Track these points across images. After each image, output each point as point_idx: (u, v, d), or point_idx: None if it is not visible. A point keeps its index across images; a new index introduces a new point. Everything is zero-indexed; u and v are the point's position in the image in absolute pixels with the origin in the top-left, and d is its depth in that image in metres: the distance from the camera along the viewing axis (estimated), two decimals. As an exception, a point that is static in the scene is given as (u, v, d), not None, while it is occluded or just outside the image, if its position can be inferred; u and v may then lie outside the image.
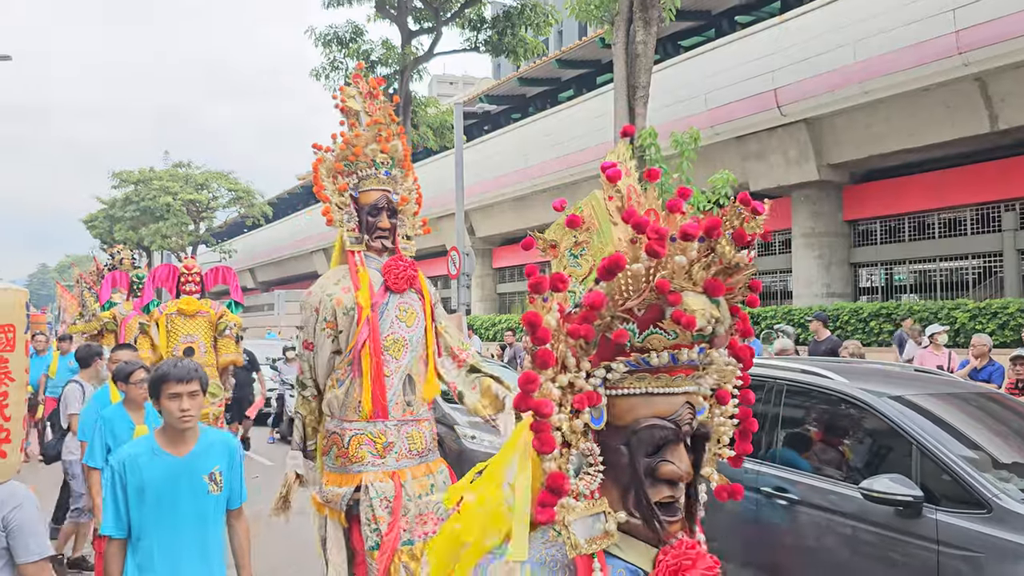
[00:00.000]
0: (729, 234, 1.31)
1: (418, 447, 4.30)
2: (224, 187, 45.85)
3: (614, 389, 1.33)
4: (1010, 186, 16.78)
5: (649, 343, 1.30)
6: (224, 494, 3.13)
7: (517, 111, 31.62)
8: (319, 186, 4.45)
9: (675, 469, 1.31)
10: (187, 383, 3.05)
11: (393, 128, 4.50)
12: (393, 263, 4.33)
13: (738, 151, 19.71)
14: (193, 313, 8.43)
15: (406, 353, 4.29)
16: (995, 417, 5.19)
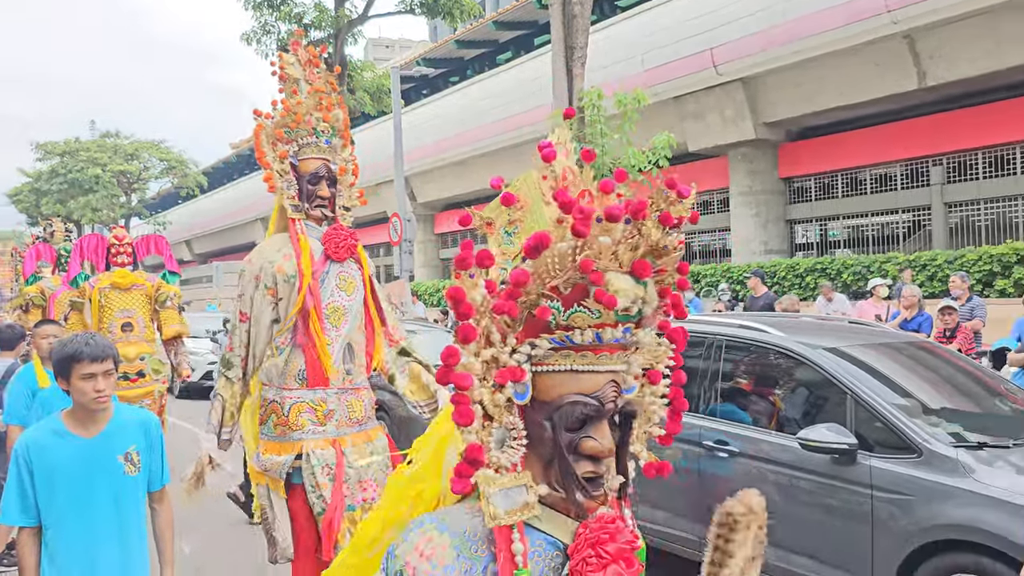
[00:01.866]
0: (656, 216, 1.31)
1: (357, 415, 4.31)
2: (155, 157, 44.54)
3: (540, 366, 1.34)
4: (938, 141, 17.26)
5: (573, 321, 1.31)
6: (143, 475, 2.97)
7: (455, 74, 31.28)
8: (260, 152, 4.38)
9: (597, 445, 1.33)
10: (101, 362, 2.86)
11: (334, 97, 4.46)
12: (334, 232, 4.30)
13: (676, 111, 19.84)
14: (128, 286, 8.14)
15: (346, 322, 4.28)
16: (925, 365, 5.38)
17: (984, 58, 15.27)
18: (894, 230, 18.87)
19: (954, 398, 5.12)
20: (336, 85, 4.51)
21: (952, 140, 17.02)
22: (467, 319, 1.32)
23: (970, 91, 16.46)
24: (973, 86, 16.24)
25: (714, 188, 21.61)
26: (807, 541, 4.47)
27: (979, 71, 15.53)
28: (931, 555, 3.95)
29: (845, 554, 4.29)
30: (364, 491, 4.25)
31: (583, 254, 1.28)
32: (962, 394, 5.19)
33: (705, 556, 1.28)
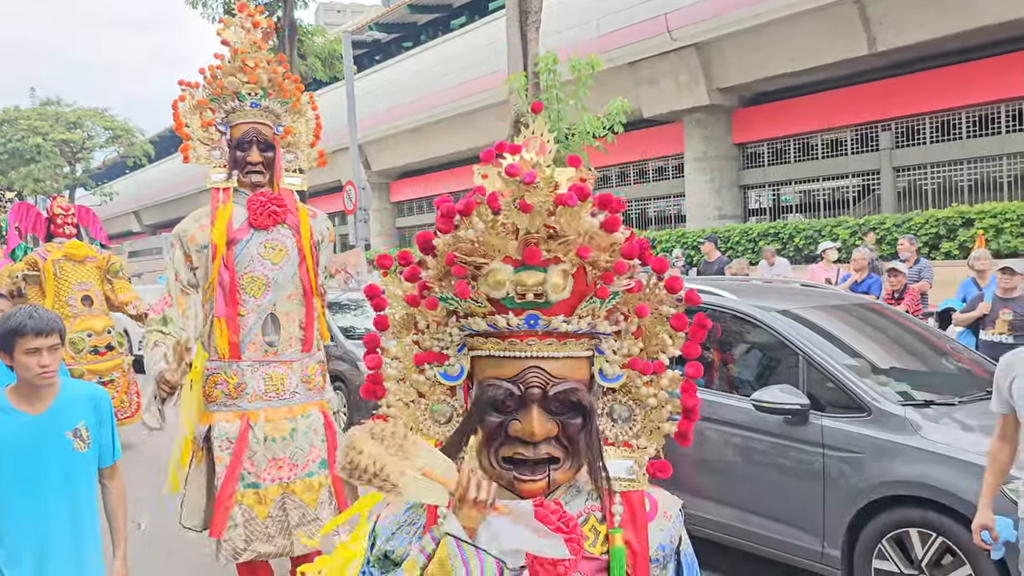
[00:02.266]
0: (515, 205, 1.35)
1: (278, 389, 4.14)
2: (100, 126, 43.26)
3: (473, 351, 1.41)
4: (887, 106, 17.51)
5: (470, 310, 1.38)
6: (93, 452, 2.87)
7: (408, 39, 30.81)
8: (178, 123, 4.28)
9: (519, 426, 1.35)
10: (47, 336, 2.73)
11: (261, 55, 4.28)
12: (256, 199, 4.15)
13: (631, 77, 19.81)
14: (82, 258, 7.94)
15: (267, 292, 4.13)
16: (874, 326, 5.49)
17: (933, 23, 15.48)
18: (844, 194, 19.17)
19: (902, 358, 5.24)
20: (263, 43, 4.34)
21: (901, 105, 17.29)
22: (380, 310, 1.47)
23: (919, 56, 16.70)
24: (922, 51, 16.48)
25: (669, 154, 21.71)
26: (762, 500, 4.56)
27: (928, 36, 15.74)
28: (880, 511, 4.06)
29: (798, 512, 4.38)
30: (279, 469, 4.12)
31: (448, 248, 1.39)
32: (910, 354, 5.32)
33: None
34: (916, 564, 3.95)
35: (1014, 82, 15.59)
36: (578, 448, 1.40)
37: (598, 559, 1.41)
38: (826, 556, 4.26)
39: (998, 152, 16.38)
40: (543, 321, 1.37)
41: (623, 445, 1.49)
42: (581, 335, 1.39)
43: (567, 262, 1.36)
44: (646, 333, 1.46)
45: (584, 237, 1.36)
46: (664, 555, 1.47)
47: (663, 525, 1.48)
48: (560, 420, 1.37)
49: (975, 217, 14.37)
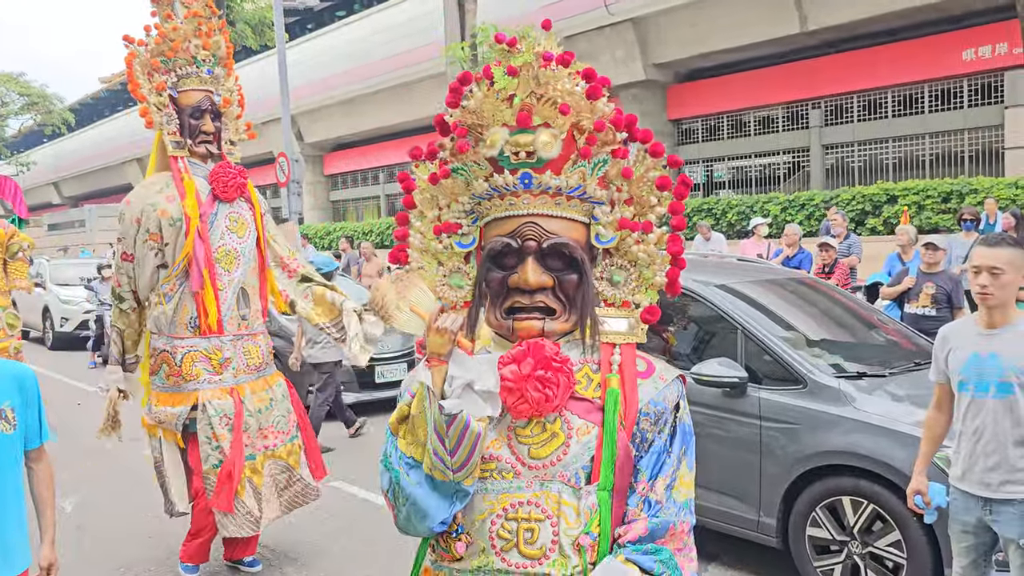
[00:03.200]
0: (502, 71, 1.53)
1: (255, 361, 4.18)
2: (14, 91, 41.21)
3: (483, 219, 1.60)
4: (817, 85, 17.87)
5: (473, 173, 1.57)
6: (19, 433, 2.72)
7: (342, 8, 30.09)
8: (134, 84, 4.07)
9: (516, 277, 1.51)
10: None
11: (215, 22, 4.16)
12: (221, 170, 4.06)
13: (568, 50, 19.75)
14: None
15: (239, 265, 4.09)
16: (806, 300, 5.61)
17: (862, 3, 15.81)
18: (775, 171, 19.55)
19: (834, 331, 5.37)
20: (216, 8, 4.23)
21: (830, 84, 17.66)
22: (410, 191, 1.67)
23: (848, 36, 17.06)
24: (851, 31, 16.83)
25: (605, 129, 21.79)
26: (700, 471, 4.62)
27: (857, 16, 16.08)
28: (814, 480, 4.17)
29: (735, 482, 4.47)
30: (265, 439, 4.15)
31: (452, 118, 1.58)
32: (841, 327, 5.45)
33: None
34: (848, 530, 4.07)
35: (937, 63, 16.08)
36: (574, 301, 1.55)
37: (590, 401, 1.54)
38: (762, 525, 4.36)
39: (921, 131, 16.90)
40: (536, 179, 1.52)
41: (622, 305, 1.65)
42: (572, 196, 1.55)
43: (555, 126, 1.52)
44: (636, 199, 1.62)
45: (567, 98, 1.52)
46: (656, 411, 1.58)
47: (657, 384, 1.60)
48: (556, 275, 1.53)
49: (899, 194, 14.82)
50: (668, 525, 1.53)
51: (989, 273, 2.96)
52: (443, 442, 1.43)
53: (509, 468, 1.50)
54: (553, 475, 1.49)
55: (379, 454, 1.60)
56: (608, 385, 1.53)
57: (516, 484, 1.49)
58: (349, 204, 31.51)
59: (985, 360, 3.00)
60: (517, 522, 1.48)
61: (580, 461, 1.50)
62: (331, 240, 25.01)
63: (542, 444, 1.50)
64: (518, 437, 1.51)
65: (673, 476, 1.59)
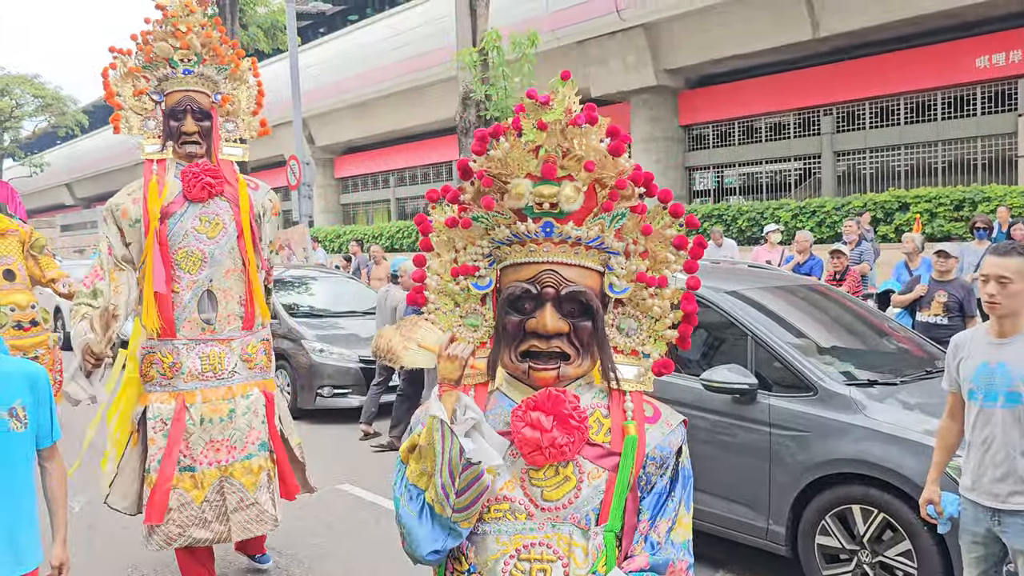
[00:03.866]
0: (532, 125, 1.58)
1: (215, 368, 3.99)
2: (29, 93, 41.52)
3: (500, 262, 1.66)
4: (829, 91, 17.82)
5: (497, 222, 1.61)
6: (30, 432, 2.72)
7: (354, 12, 30.20)
8: (109, 92, 4.10)
9: (534, 322, 1.56)
10: None
11: (193, 19, 4.08)
12: (190, 170, 3.97)
13: (579, 56, 19.78)
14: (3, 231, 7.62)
15: (204, 267, 3.97)
16: (817, 306, 5.58)
17: (874, 10, 15.76)
18: (786, 178, 19.50)
19: (845, 338, 5.34)
20: (195, 6, 4.14)
21: (842, 91, 17.60)
22: (426, 234, 1.71)
23: (860, 42, 17.01)
24: (863, 38, 16.78)
25: (616, 134, 21.78)
26: (709, 478, 4.61)
27: (869, 23, 16.03)
28: (824, 488, 4.14)
29: (744, 489, 4.45)
30: (217, 452, 3.98)
31: (479, 167, 1.62)
32: (852, 334, 5.42)
33: None
34: (858, 539, 4.04)
35: (950, 70, 16.01)
36: (589, 348, 1.60)
37: (601, 446, 1.59)
38: (771, 532, 4.34)
39: (934, 138, 16.82)
40: (557, 229, 1.58)
41: (631, 353, 1.71)
42: (591, 246, 1.61)
43: (578, 180, 1.58)
44: (651, 254, 1.68)
45: (592, 154, 1.58)
46: (662, 456, 1.64)
47: (664, 430, 1.66)
48: (572, 322, 1.58)
49: (911, 201, 14.75)
50: (668, 562, 1.59)
51: (997, 282, 2.93)
52: (453, 481, 1.49)
53: (523, 509, 1.56)
54: (565, 517, 1.56)
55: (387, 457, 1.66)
56: (627, 432, 1.60)
57: (529, 525, 1.56)
58: (359, 207, 31.58)
59: (994, 369, 2.98)
60: (530, 563, 1.55)
61: (591, 504, 1.56)
62: (341, 243, 25.06)
63: (555, 487, 1.56)
64: (531, 480, 1.57)
65: (674, 519, 1.63)
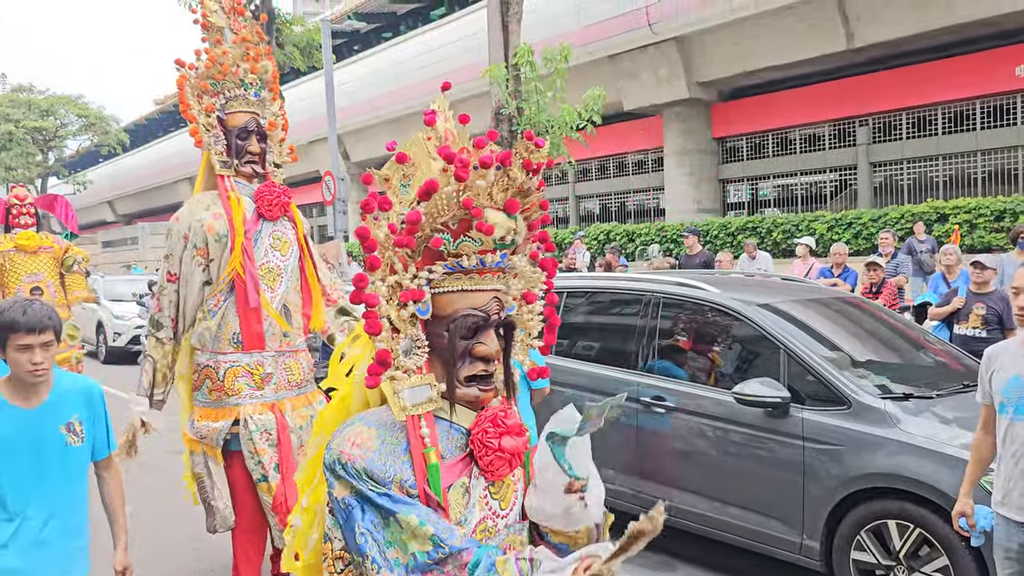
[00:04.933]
0: (519, 163, 1.66)
1: (296, 378, 4.21)
2: (73, 113, 42.58)
3: (438, 288, 1.69)
4: (864, 102, 17.65)
5: (462, 249, 1.66)
6: (87, 446, 2.81)
7: (388, 30, 30.59)
8: (185, 105, 4.18)
9: (486, 348, 1.68)
10: (39, 333, 2.59)
11: (262, 47, 4.28)
12: (266, 189, 4.16)
13: (612, 69, 19.81)
14: (35, 249, 7.77)
15: (281, 283, 4.16)
16: (851, 319, 5.53)
17: (910, 19, 15.60)
18: (821, 189, 19.30)
19: (880, 351, 5.28)
20: (263, 35, 4.34)
21: (878, 101, 17.42)
22: (373, 252, 1.67)
23: (896, 52, 16.84)
24: (899, 47, 16.61)
25: (648, 147, 21.75)
26: (742, 492, 4.59)
27: (905, 32, 15.87)
28: (859, 502, 4.09)
29: (778, 504, 4.41)
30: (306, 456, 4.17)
31: (465, 194, 1.63)
32: (887, 347, 5.36)
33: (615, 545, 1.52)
34: (894, 555, 3.99)
35: (989, 79, 15.77)
36: (508, 363, 1.78)
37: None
38: (805, 547, 4.30)
39: (973, 148, 16.56)
40: (508, 260, 1.73)
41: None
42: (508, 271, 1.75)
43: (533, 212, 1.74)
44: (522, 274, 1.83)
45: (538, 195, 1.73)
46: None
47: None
48: (503, 340, 1.74)
49: (950, 213, 14.52)
50: None
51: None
52: None
53: (492, 525, 1.74)
54: (513, 520, 1.78)
55: None
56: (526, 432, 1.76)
57: (497, 538, 1.74)
58: (393, 222, 31.85)
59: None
60: None
61: (519, 501, 1.79)
62: (375, 258, 25.26)
63: (503, 497, 1.76)
64: (492, 495, 1.74)
65: None
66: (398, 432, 1.67)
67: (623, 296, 5.82)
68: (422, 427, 1.66)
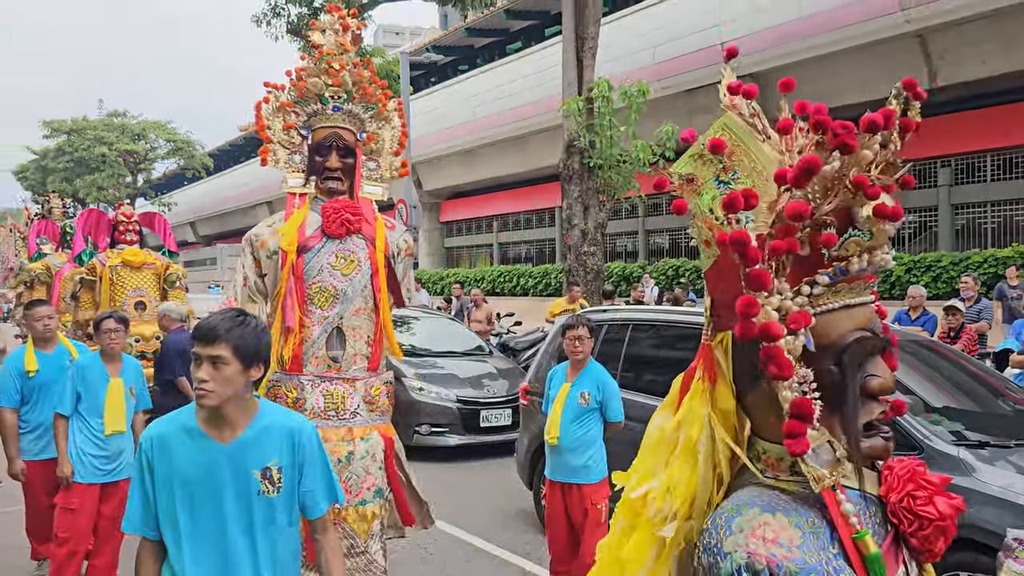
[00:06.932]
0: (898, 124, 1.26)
1: (338, 407, 3.85)
2: (162, 137, 44.59)
3: (814, 307, 1.23)
4: (947, 142, 17.19)
5: (847, 248, 1.22)
6: (284, 498, 2.33)
7: (465, 63, 31.19)
8: (261, 124, 4.10)
9: (884, 382, 1.23)
10: (208, 344, 2.20)
11: (346, 58, 4.08)
12: (331, 205, 3.92)
13: (686, 105, 19.78)
14: (139, 265, 8.18)
15: (336, 304, 3.89)
16: (928, 364, 5.37)
17: (996, 59, 15.20)
18: (901, 231, 18.79)
19: (956, 397, 5.11)
20: (349, 46, 4.13)
21: (961, 142, 16.95)
22: (755, 264, 1.19)
23: (981, 92, 16.39)
24: (984, 87, 16.17)
25: (721, 183, 21.58)
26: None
27: (990, 72, 15.46)
28: (930, 552, 3.95)
29: (843, 549, 4.28)
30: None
31: (853, 171, 1.21)
32: (964, 393, 5.19)
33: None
34: (966, 609, 3.84)
35: (1081, 121, 15.21)
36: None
37: None
38: (872, 596, 4.15)
39: (1062, 192, 15.96)
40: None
41: None
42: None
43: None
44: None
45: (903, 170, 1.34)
46: None
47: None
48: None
49: (1036, 258, 13.99)
50: None
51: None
52: None
53: None
54: None
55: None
56: None
57: None
58: (463, 251, 32.18)
59: None
60: None
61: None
62: (444, 285, 25.59)
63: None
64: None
65: None
66: (813, 513, 1.19)
67: (690, 331, 5.77)
68: (842, 502, 1.19)
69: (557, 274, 22.30)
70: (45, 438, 5.06)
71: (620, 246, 25.17)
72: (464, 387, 9.31)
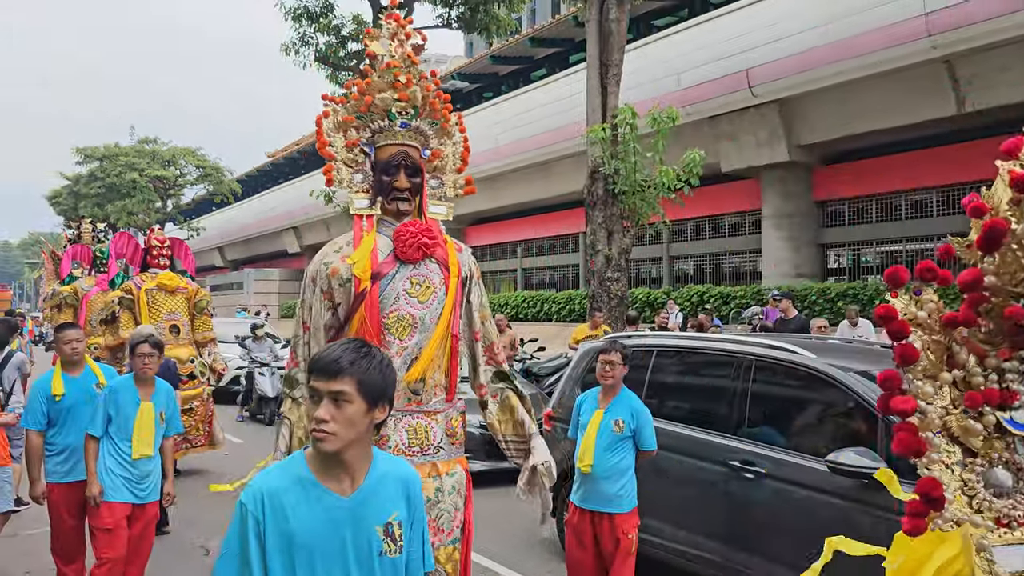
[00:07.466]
0: None
1: (422, 443, 3.59)
2: (192, 164, 45.38)
3: None
4: (975, 168, 16.94)
5: None
6: (402, 560, 2.02)
7: (489, 90, 31.47)
8: (322, 141, 3.77)
9: None
10: (329, 379, 1.90)
11: (414, 71, 3.78)
12: (405, 228, 3.61)
13: (710, 131, 19.78)
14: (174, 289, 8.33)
15: (414, 334, 3.59)
16: (958, 392, 5.28)
17: (1024, 85, 15.08)
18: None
19: (988, 427, 5.02)
20: (416, 57, 3.81)
21: (990, 168, 16.68)
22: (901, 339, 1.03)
23: (1009, 119, 16.23)
24: (1012, 113, 16.01)
25: (746, 209, 21.50)
26: (835, 566, 4.39)
27: (1020, 97, 15.33)
28: (961, 585, 3.87)
29: (872, 581, 4.21)
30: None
31: None
32: (996, 423, 5.09)
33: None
34: (1000, 646, 3.74)
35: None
36: None
37: None
38: (902, 630, 4.07)
39: (1095, 219, 15.70)
40: None
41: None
42: None
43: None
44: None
45: None
46: None
47: None
48: None
49: (1069, 285, 13.76)
50: None
51: None
52: None
53: None
54: None
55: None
56: None
57: None
58: (487, 276, 32.27)
59: None
60: None
61: None
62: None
63: None
64: None
65: None
66: None
67: (715, 357, 5.74)
68: None
69: (581, 300, 22.27)
70: (71, 461, 5.12)
71: (645, 272, 25.11)
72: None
